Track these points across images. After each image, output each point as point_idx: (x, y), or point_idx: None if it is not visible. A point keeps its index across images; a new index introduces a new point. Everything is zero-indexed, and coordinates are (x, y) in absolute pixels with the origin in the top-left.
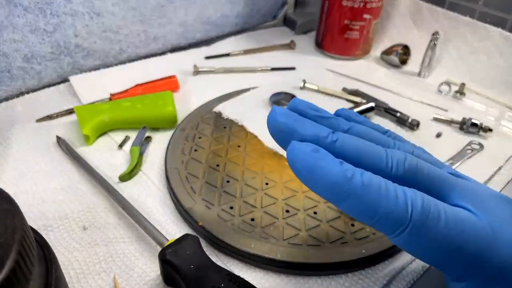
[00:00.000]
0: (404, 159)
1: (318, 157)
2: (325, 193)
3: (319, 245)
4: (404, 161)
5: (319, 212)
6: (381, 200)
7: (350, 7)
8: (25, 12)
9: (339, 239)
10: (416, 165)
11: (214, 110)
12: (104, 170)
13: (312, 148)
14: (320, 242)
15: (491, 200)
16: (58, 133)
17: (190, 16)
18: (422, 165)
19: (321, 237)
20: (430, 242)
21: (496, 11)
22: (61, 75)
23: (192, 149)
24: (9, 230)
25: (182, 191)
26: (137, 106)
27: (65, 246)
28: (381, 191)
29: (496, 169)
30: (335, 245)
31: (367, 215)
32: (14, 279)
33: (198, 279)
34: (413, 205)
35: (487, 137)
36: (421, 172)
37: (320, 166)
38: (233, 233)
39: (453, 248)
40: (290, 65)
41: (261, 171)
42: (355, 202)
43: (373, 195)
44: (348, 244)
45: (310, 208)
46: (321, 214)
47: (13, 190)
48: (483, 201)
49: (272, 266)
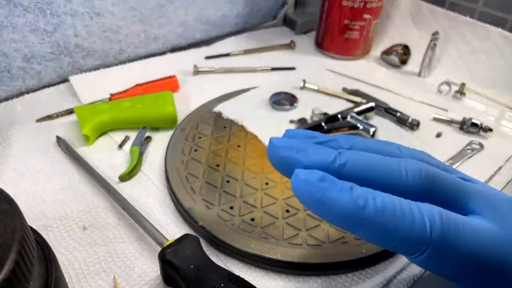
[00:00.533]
0: (420, 169)
1: (326, 188)
2: (338, 224)
3: (319, 245)
4: (420, 172)
5: None
6: (398, 224)
7: (350, 7)
8: (25, 12)
9: (339, 239)
10: (433, 175)
11: (214, 110)
12: (104, 170)
13: (318, 177)
14: (320, 242)
15: (504, 206)
16: (58, 133)
17: (190, 16)
18: (439, 174)
19: (321, 237)
20: (450, 260)
21: (496, 11)
22: (61, 75)
23: (192, 149)
24: (9, 230)
25: (182, 191)
26: (137, 106)
27: (65, 246)
28: (397, 215)
29: (496, 169)
30: (335, 245)
31: (385, 242)
32: (14, 279)
33: (198, 279)
34: (432, 224)
35: (487, 137)
36: (437, 182)
37: (328, 198)
38: (233, 233)
39: (474, 263)
40: (290, 65)
41: (261, 171)
42: (371, 229)
43: (389, 220)
44: (348, 244)
45: None
46: None
47: (13, 190)
48: (498, 207)
49: (272, 266)
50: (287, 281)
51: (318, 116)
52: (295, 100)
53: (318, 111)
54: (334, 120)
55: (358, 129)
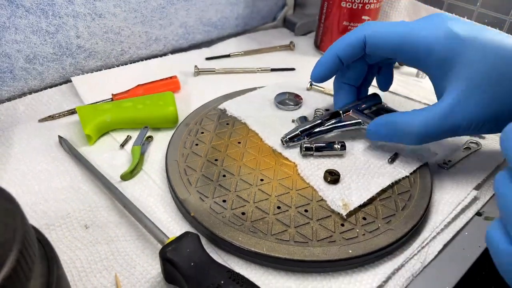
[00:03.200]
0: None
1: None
2: None
3: (306, 242)
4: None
5: (310, 210)
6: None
7: (349, 8)
8: (27, 13)
9: (327, 238)
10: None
11: (219, 107)
12: (106, 170)
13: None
14: (307, 240)
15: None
16: (60, 133)
17: (191, 17)
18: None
19: (308, 235)
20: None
21: (494, 12)
22: (63, 75)
23: (193, 143)
24: (10, 229)
25: (178, 183)
26: (138, 107)
27: (67, 245)
28: None
29: (494, 168)
30: (321, 243)
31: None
32: (15, 277)
33: (198, 277)
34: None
35: (484, 136)
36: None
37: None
38: (222, 225)
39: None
40: (289, 66)
41: (257, 168)
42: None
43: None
44: (335, 243)
45: (301, 205)
46: (311, 212)
47: (16, 190)
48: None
49: (258, 260)
50: (287, 278)
51: (320, 114)
52: (300, 100)
53: (320, 112)
54: (337, 116)
55: (360, 125)
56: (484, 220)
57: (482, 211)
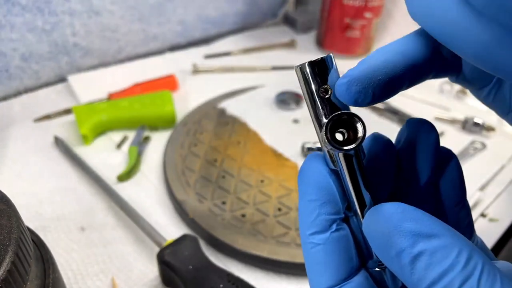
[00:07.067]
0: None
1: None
2: None
3: None
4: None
5: None
6: None
7: (351, 5)
8: (23, 11)
9: None
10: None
11: (218, 107)
12: (102, 170)
13: None
14: None
15: None
16: (56, 133)
17: (189, 14)
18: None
19: None
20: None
21: None
22: (59, 74)
23: (191, 143)
24: (5, 230)
25: (176, 184)
26: (135, 106)
27: (62, 247)
28: None
29: (499, 168)
30: None
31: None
32: (11, 279)
33: (196, 280)
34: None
35: (489, 136)
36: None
37: None
38: (222, 228)
39: None
40: (291, 64)
41: (258, 168)
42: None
43: None
44: None
45: None
46: None
47: (10, 191)
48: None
49: (259, 263)
50: (288, 282)
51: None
52: (301, 99)
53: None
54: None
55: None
56: (489, 221)
57: (486, 213)
